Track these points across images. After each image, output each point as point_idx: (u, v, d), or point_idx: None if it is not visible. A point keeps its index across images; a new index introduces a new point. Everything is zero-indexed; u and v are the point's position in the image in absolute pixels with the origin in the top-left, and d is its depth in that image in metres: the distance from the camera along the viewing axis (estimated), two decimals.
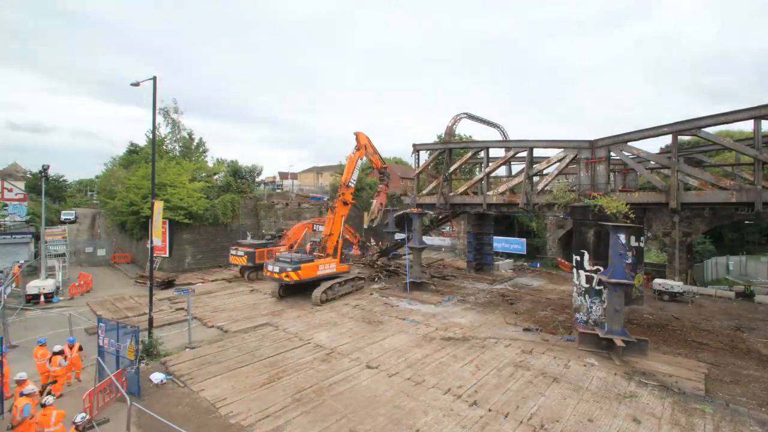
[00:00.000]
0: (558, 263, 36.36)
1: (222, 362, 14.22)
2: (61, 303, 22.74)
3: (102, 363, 12.16)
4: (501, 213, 28.01)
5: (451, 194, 24.35)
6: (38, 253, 27.46)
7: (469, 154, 25.19)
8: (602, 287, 16.58)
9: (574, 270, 18.11)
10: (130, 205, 31.52)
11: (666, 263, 31.04)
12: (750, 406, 11.49)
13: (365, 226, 49.24)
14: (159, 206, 16.10)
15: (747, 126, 16.04)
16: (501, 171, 30.76)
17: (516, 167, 29.29)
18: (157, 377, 12.72)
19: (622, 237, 14.93)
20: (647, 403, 11.54)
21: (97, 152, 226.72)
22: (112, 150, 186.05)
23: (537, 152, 20.83)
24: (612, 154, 17.55)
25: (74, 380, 12.88)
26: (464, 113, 37.58)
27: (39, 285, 22.66)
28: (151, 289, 15.91)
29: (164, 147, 39.85)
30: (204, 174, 39.12)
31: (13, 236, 29.75)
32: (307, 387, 12.37)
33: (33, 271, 27.59)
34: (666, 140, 27.48)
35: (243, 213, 38.25)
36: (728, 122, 14.87)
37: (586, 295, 17.33)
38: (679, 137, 16.17)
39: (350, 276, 25.13)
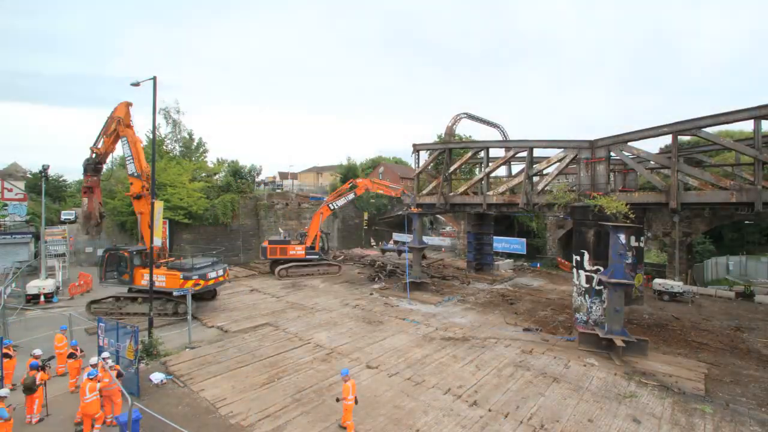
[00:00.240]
0: (558, 263, 36.35)
1: (222, 362, 14.23)
2: (61, 303, 22.75)
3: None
4: (501, 213, 28.05)
5: (451, 194, 24.35)
6: (38, 253, 27.44)
7: (469, 154, 25.19)
8: (602, 287, 16.58)
9: (574, 270, 18.12)
10: (131, 205, 31.48)
11: (666, 263, 31.05)
12: (750, 406, 11.51)
13: (365, 227, 49.41)
14: (159, 206, 16.12)
15: (747, 126, 16.03)
16: (501, 171, 30.79)
17: (516, 167, 29.27)
18: (157, 377, 12.72)
19: (622, 237, 14.94)
20: (647, 403, 11.55)
21: None
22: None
23: (537, 152, 20.80)
24: (612, 154, 17.54)
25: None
26: (464, 113, 37.58)
27: (39, 285, 22.65)
28: (151, 289, 15.95)
29: (164, 147, 39.88)
30: (204, 174, 39.19)
31: (13, 236, 29.72)
32: (307, 387, 12.38)
33: (33, 271, 27.57)
34: (666, 140, 27.50)
35: (243, 213, 38.29)
36: (728, 122, 14.85)
37: (586, 295, 17.33)
38: (679, 137, 16.15)
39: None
